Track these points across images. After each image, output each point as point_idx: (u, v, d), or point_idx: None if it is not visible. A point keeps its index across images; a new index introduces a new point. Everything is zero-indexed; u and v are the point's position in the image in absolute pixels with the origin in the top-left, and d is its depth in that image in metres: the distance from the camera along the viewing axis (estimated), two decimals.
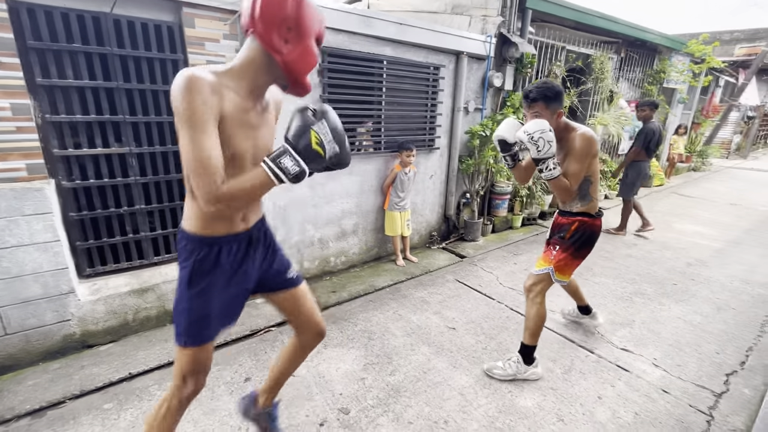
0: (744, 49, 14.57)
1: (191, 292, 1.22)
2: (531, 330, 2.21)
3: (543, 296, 2.20)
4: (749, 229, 5.32)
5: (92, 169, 2.40)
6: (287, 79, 1.15)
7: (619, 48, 6.42)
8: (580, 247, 2.19)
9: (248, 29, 1.09)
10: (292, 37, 1.08)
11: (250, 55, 1.11)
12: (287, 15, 1.05)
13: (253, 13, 1.05)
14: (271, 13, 1.04)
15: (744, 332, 2.83)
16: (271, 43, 1.06)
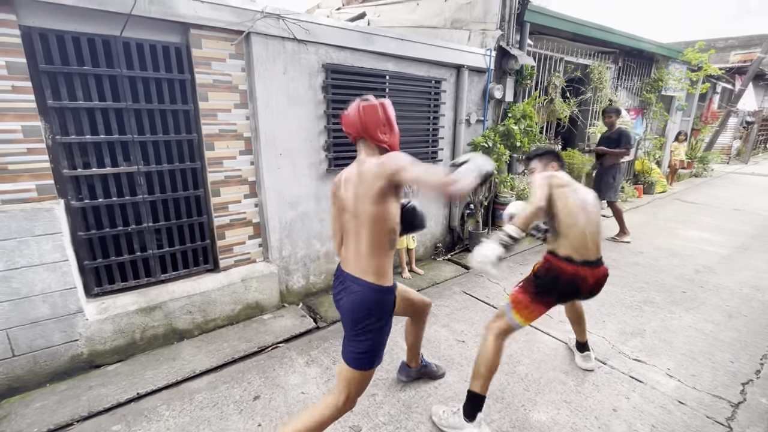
0: (739, 55, 14.73)
1: (385, 332, 1.59)
2: (476, 373, 1.89)
3: (497, 337, 1.90)
4: (755, 234, 5.29)
5: (101, 188, 2.42)
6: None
7: (616, 58, 6.51)
8: (543, 290, 1.92)
9: (358, 136, 1.58)
10: (387, 129, 1.58)
11: (370, 150, 1.58)
12: (380, 119, 1.55)
13: (362, 126, 1.54)
14: (373, 122, 1.54)
15: (757, 340, 2.79)
16: (378, 139, 1.56)
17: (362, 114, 1.54)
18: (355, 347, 1.55)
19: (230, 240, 2.96)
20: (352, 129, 1.57)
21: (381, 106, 1.55)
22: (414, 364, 2.28)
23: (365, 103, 1.55)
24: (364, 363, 1.56)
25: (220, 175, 2.80)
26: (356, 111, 1.55)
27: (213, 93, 2.65)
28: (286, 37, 2.79)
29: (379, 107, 1.55)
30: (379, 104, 1.55)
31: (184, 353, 2.57)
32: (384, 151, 1.57)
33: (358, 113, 1.54)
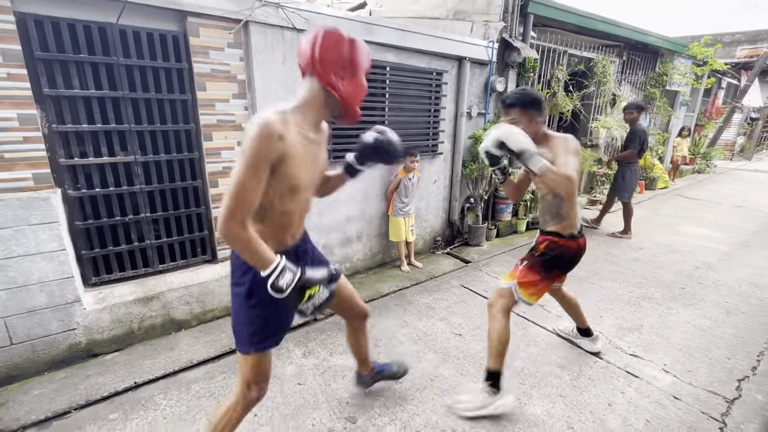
0: (746, 50, 14.55)
1: (249, 304, 1.35)
2: (492, 352, 2.00)
3: (504, 314, 2.00)
4: (756, 231, 5.27)
5: (98, 178, 2.41)
6: (342, 111, 1.31)
7: (621, 51, 6.43)
8: (548, 267, 2.01)
9: (307, 71, 1.25)
10: (347, 74, 1.24)
11: (311, 94, 1.26)
12: (342, 57, 1.22)
13: (313, 56, 1.20)
14: (330, 56, 1.20)
15: (754, 336, 2.79)
16: (330, 82, 1.22)
17: (318, 42, 1.20)
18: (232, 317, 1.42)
19: None
20: (301, 59, 1.25)
21: (350, 41, 1.24)
22: (365, 370, 2.07)
23: (328, 29, 1.22)
24: (237, 340, 1.41)
25: (218, 165, 2.79)
26: (312, 37, 1.21)
27: (211, 83, 2.62)
28: (285, 26, 2.75)
29: (346, 42, 1.22)
30: (347, 38, 1.23)
31: (182, 343, 2.58)
32: (332, 104, 1.28)
33: (313, 39, 1.21)
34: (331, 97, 1.26)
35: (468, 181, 4.42)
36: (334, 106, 1.30)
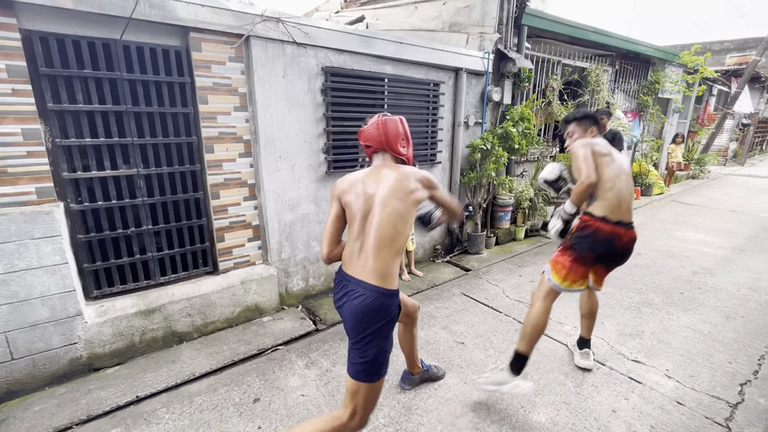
0: (735, 58, 14.84)
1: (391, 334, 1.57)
2: (523, 334, 2.09)
3: (541, 300, 2.12)
4: (751, 236, 5.32)
5: (100, 191, 2.43)
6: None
7: (613, 60, 6.55)
8: (580, 248, 2.09)
9: (378, 149, 1.67)
10: (405, 143, 1.71)
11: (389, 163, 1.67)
12: (401, 133, 1.68)
13: (386, 139, 1.64)
14: (394, 135, 1.66)
15: (754, 341, 2.80)
16: (398, 152, 1.68)
17: (384, 128, 1.63)
18: (361, 356, 1.49)
19: (230, 242, 2.96)
20: (373, 142, 1.65)
21: (400, 121, 1.68)
22: (416, 370, 2.26)
23: (387, 118, 1.65)
24: (370, 373, 1.50)
25: (219, 177, 2.81)
26: (378, 125, 1.64)
27: (213, 96, 2.66)
28: (286, 40, 2.81)
29: (399, 122, 1.67)
30: (399, 119, 1.67)
31: (184, 356, 2.56)
32: (401, 163, 1.70)
33: (380, 127, 1.63)
34: (398, 159, 1.70)
35: (466, 189, 4.46)
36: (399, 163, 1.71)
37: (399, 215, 1.52)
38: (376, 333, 1.49)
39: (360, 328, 1.49)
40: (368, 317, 1.47)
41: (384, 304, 1.49)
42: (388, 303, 1.50)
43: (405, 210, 1.54)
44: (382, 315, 1.49)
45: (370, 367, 1.49)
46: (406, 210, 1.54)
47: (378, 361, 1.51)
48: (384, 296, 1.49)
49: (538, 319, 2.07)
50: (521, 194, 4.92)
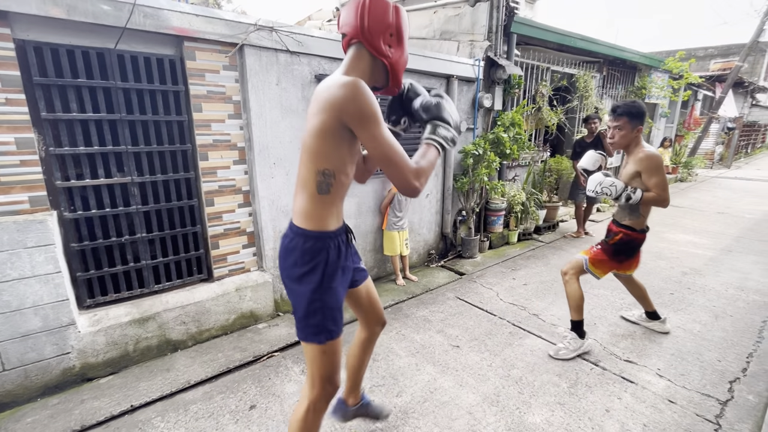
0: (719, 64, 15.23)
1: (323, 289, 1.28)
2: (573, 306, 2.57)
3: (575, 278, 2.56)
4: (738, 236, 5.43)
5: (94, 199, 2.43)
6: (389, 79, 1.28)
7: (600, 67, 6.70)
8: (618, 252, 2.54)
9: (354, 39, 1.22)
10: (393, 42, 1.23)
11: (359, 62, 1.24)
12: (390, 23, 1.21)
13: (362, 24, 1.18)
14: (378, 24, 1.19)
15: (743, 339, 2.86)
16: (380, 50, 1.21)
17: (367, 8, 1.17)
18: (296, 310, 1.31)
19: (224, 249, 2.97)
20: (348, 28, 1.21)
21: (395, 7, 1.22)
22: (352, 400, 1.85)
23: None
24: (301, 330, 1.32)
25: (214, 184, 2.82)
26: (358, 3, 1.18)
27: (207, 104, 2.68)
28: (279, 49, 2.84)
29: (391, 7, 1.21)
30: (393, 4, 1.22)
31: (179, 364, 2.55)
32: (380, 72, 1.27)
33: (361, 6, 1.18)
34: (378, 63, 1.24)
35: (459, 194, 4.51)
36: (379, 75, 1.28)
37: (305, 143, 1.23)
38: (294, 281, 1.29)
39: (282, 275, 1.33)
40: (285, 261, 1.31)
41: (297, 245, 1.27)
42: (306, 245, 1.27)
43: (309, 135, 1.20)
44: (304, 259, 1.26)
45: (298, 322, 1.32)
46: (312, 136, 1.19)
47: (300, 316, 1.30)
48: (299, 236, 1.27)
49: (578, 292, 2.56)
50: (513, 198, 4.99)
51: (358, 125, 1.13)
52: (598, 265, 2.55)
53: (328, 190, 1.25)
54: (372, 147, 1.14)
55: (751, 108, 17.56)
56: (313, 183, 1.23)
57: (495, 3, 4.38)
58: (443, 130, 1.27)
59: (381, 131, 1.13)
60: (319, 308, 1.29)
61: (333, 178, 1.24)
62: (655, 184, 2.36)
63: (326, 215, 1.28)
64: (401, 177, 1.15)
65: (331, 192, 1.26)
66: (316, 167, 1.22)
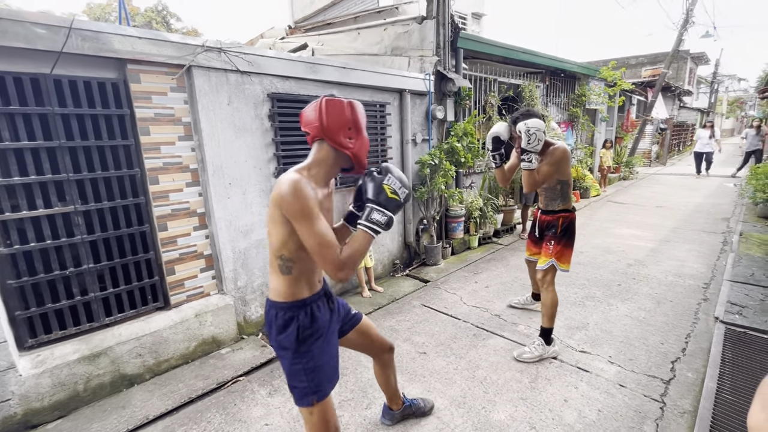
0: (649, 71, 16.66)
1: (300, 353, 1.40)
2: (548, 314, 2.64)
3: (553, 284, 2.67)
4: (675, 228, 5.93)
5: (32, 232, 2.28)
6: (353, 164, 1.44)
7: (543, 77, 7.16)
8: (568, 236, 2.69)
9: (317, 137, 1.37)
10: (353, 134, 1.39)
11: (323, 155, 1.39)
12: (347, 119, 1.36)
13: (322, 125, 1.33)
14: (337, 123, 1.34)
15: (682, 321, 3.12)
16: (341, 144, 1.37)
17: (324, 110, 1.33)
18: (287, 376, 1.44)
19: (181, 275, 2.87)
20: (310, 128, 1.36)
21: (349, 104, 1.37)
22: (395, 406, 2.11)
23: (329, 98, 1.35)
24: (299, 397, 1.42)
25: (166, 209, 2.73)
26: (317, 106, 1.34)
27: (155, 126, 2.61)
28: (229, 69, 2.84)
29: (346, 105, 1.36)
30: (347, 103, 1.37)
31: (135, 399, 2.42)
32: (345, 160, 1.42)
33: (319, 109, 1.33)
34: (342, 155, 1.40)
35: (419, 203, 4.63)
36: (344, 161, 1.43)
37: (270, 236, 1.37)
38: (278, 349, 1.43)
39: (272, 345, 1.46)
40: (270, 331, 1.45)
41: (272, 316, 1.42)
42: (278, 315, 1.40)
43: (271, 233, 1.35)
44: (273, 329, 1.42)
45: (295, 388, 1.43)
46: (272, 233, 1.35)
47: (291, 381, 1.43)
48: (272, 308, 1.42)
49: (556, 299, 2.66)
50: (471, 204, 5.18)
51: (294, 220, 1.26)
52: (562, 258, 2.68)
53: (290, 271, 1.38)
54: (305, 239, 1.27)
55: (680, 110, 19.33)
56: (275, 265, 1.39)
57: (441, 20, 4.60)
58: (377, 214, 1.34)
59: (313, 227, 1.25)
60: (300, 370, 1.40)
61: (291, 262, 1.37)
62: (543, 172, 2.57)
63: (294, 289, 1.41)
64: (327, 269, 1.28)
65: (292, 272, 1.39)
66: (275, 253, 1.37)
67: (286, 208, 1.24)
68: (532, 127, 2.38)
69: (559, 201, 2.72)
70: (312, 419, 1.43)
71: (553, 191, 2.72)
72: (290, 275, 1.38)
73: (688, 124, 20.67)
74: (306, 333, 1.40)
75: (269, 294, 1.45)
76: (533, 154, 2.45)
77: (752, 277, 3.86)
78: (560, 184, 2.67)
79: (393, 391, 2.05)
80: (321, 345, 1.44)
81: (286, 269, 1.38)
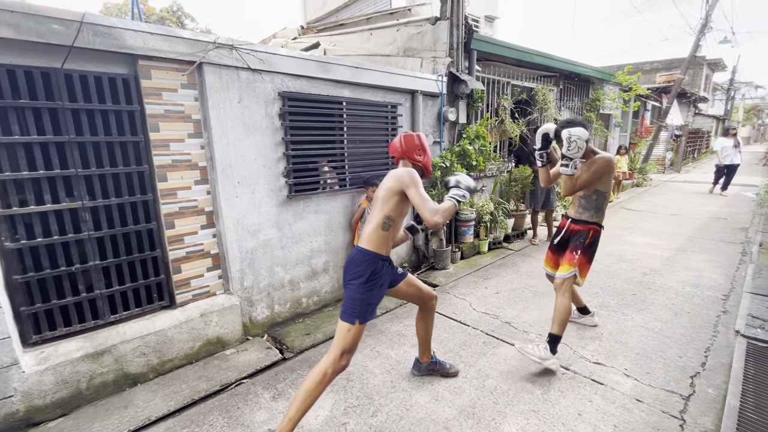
0: (663, 76, 16.41)
1: (366, 287, 1.95)
2: (560, 321, 2.56)
3: (570, 291, 2.63)
4: (691, 236, 5.77)
5: (40, 227, 2.26)
6: (424, 171, 2.19)
7: (557, 81, 7.05)
8: (592, 251, 2.68)
9: (400, 157, 2.15)
10: (421, 153, 2.16)
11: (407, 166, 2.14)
12: (416, 145, 2.15)
13: (402, 149, 2.13)
14: (410, 147, 2.14)
15: (700, 334, 3.00)
16: (415, 159, 2.15)
17: (403, 141, 2.14)
18: (345, 299, 1.97)
19: (187, 273, 2.83)
20: (395, 153, 2.16)
21: (417, 136, 2.15)
22: (425, 359, 2.51)
23: (405, 134, 2.16)
24: (348, 315, 1.92)
25: (174, 206, 2.71)
26: (399, 139, 2.15)
27: (165, 123, 2.59)
28: (240, 66, 2.81)
29: (415, 137, 2.15)
30: (416, 135, 2.16)
31: (138, 399, 2.38)
32: (418, 170, 2.14)
33: (400, 141, 2.14)
34: (416, 166, 2.15)
35: None
36: (418, 170, 2.14)
37: (381, 203, 2.00)
38: (355, 282, 1.96)
39: (346, 275, 2.02)
40: (351, 268, 2.00)
41: (364, 261, 1.97)
42: (367, 260, 1.97)
43: (385, 193, 1.99)
44: (361, 270, 1.96)
45: (349, 310, 1.93)
46: (387, 193, 1.98)
47: (355, 307, 1.93)
48: (364, 254, 1.98)
49: (569, 306, 2.59)
50: (482, 209, 5.09)
51: (407, 188, 1.93)
52: (584, 270, 2.65)
53: (388, 228, 2.01)
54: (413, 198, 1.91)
55: (695, 117, 18.98)
56: (380, 223, 1.99)
57: (455, 21, 4.54)
58: (457, 191, 2.03)
59: (420, 190, 1.91)
60: (358, 299, 1.94)
61: (392, 221, 2.00)
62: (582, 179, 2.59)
63: (381, 245, 2.01)
64: (427, 215, 1.84)
65: (389, 230, 2.01)
66: (384, 213, 1.99)
67: (405, 181, 1.92)
68: (574, 134, 2.39)
69: (593, 212, 2.68)
70: (348, 334, 1.92)
71: (588, 200, 2.67)
72: (387, 232, 2.00)
73: (703, 131, 20.29)
74: (374, 278, 1.97)
75: (360, 243, 2.02)
76: (572, 161, 2.47)
77: None
78: (596, 195, 2.64)
79: (426, 343, 2.47)
80: (377, 290, 1.99)
81: (386, 227, 1.99)
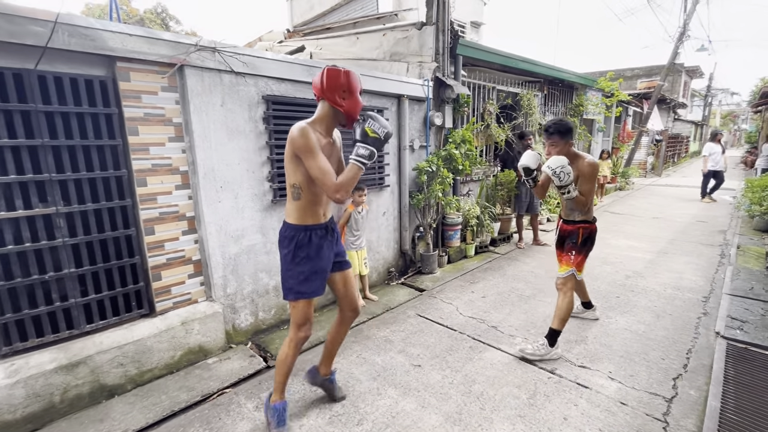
0: (644, 83, 16.85)
1: (294, 262, 1.88)
2: (561, 317, 2.70)
3: (572, 290, 2.75)
4: (672, 239, 5.90)
5: (10, 234, 2.17)
6: (346, 119, 1.88)
7: (542, 86, 7.16)
8: (588, 246, 2.78)
9: (320, 96, 1.84)
10: (346, 95, 1.83)
11: (324, 111, 1.87)
12: (341, 84, 1.80)
13: (323, 87, 1.81)
14: (333, 85, 1.80)
15: (682, 336, 3.05)
16: (336, 102, 1.82)
17: (325, 77, 1.79)
18: (281, 275, 1.95)
19: (167, 280, 2.76)
20: (315, 89, 1.84)
21: (345, 73, 1.81)
22: (324, 371, 2.31)
23: (330, 67, 1.81)
24: (285, 291, 1.92)
25: (154, 212, 2.63)
26: (321, 74, 1.80)
27: (144, 126, 2.52)
28: (223, 69, 2.76)
29: (342, 73, 1.80)
30: (344, 71, 1.81)
31: (115, 412, 2.30)
32: (338, 115, 1.85)
33: (321, 75, 1.80)
34: (338, 111, 1.84)
35: (416, 210, 4.55)
36: (340, 117, 1.87)
37: (286, 171, 1.86)
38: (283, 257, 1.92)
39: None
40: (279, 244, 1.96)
41: (284, 234, 1.93)
42: (287, 233, 1.91)
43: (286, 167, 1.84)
44: (284, 242, 1.92)
45: (284, 286, 1.94)
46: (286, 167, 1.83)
47: (282, 280, 1.94)
48: (285, 227, 1.93)
49: (572, 304, 2.73)
50: (468, 212, 5.11)
51: (301, 154, 1.74)
52: (580, 267, 2.78)
53: (299, 197, 1.86)
54: (310, 169, 1.74)
55: (674, 122, 19.52)
56: (289, 193, 1.88)
57: (441, 27, 4.57)
58: (362, 149, 1.77)
59: (315, 160, 1.73)
60: (289, 276, 1.90)
61: (300, 189, 1.84)
62: (586, 191, 2.66)
63: (300, 215, 1.89)
64: (327, 191, 1.74)
65: (301, 198, 1.86)
66: (289, 182, 1.86)
67: (296, 145, 1.71)
68: (556, 167, 2.45)
69: (579, 213, 2.78)
70: (293, 311, 1.93)
71: (575, 202, 2.73)
72: (299, 201, 1.85)
73: (682, 136, 20.88)
74: (299, 249, 1.87)
75: (284, 217, 1.94)
76: (568, 186, 2.53)
77: (752, 291, 3.81)
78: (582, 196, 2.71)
79: (331, 355, 2.29)
80: (310, 261, 1.89)
81: (296, 195, 1.85)
